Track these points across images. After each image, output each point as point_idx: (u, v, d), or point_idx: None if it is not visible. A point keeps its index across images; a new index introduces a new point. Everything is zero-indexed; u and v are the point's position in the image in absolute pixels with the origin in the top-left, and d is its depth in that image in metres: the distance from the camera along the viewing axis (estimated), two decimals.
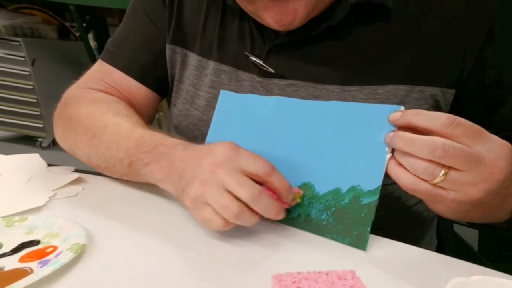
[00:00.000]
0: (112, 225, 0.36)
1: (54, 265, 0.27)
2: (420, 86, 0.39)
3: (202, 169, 0.31)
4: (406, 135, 0.29)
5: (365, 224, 0.32)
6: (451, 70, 0.39)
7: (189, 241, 0.33)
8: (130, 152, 0.39)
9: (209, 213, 0.31)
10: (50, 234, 0.33)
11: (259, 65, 0.43)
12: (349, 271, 0.27)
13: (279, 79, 0.42)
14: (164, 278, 0.28)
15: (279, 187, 0.32)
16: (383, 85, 0.39)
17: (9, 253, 0.30)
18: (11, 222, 0.35)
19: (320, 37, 0.40)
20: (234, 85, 0.45)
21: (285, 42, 0.42)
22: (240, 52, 0.44)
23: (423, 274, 0.29)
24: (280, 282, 0.26)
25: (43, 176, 0.46)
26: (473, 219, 0.33)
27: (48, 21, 2.40)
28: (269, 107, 0.39)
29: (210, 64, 0.46)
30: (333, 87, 0.40)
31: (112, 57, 0.51)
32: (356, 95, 0.40)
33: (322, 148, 0.35)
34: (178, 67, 0.49)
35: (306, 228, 0.35)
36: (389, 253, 0.32)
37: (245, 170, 0.31)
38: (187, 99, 0.48)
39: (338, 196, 0.34)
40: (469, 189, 0.28)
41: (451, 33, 0.38)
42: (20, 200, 0.39)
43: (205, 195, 0.30)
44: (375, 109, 0.32)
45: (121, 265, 0.30)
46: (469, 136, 0.27)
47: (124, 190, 0.44)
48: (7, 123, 2.31)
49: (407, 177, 0.29)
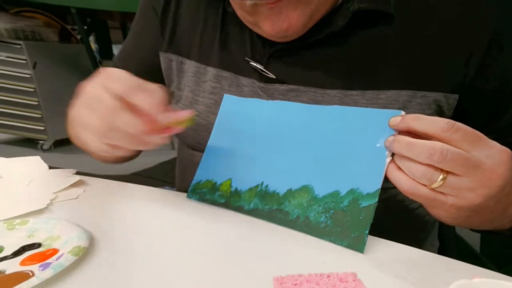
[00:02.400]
0: (113, 228, 0.36)
1: (55, 268, 0.27)
2: (422, 91, 0.39)
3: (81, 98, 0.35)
4: (405, 139, 0.29)
5: (364, 226, 0.32)
6: (454, 76, 0.39)
7: (190, 243, 0.33)
8: None
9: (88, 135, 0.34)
10: (51, 237, 0.33)
11: (260, 70, 0.43)
12: (350, 273, 0.27)
13: (280, 84, 0.42)
14: (165, 280, 0.28)
15: (142, 105, 0.32)
16: (385, 90, 0.39)
17: (10, 256, 0.30)
18: (12, 225, 0.35)
19: (321, 43, 0.40)
20: (235, 91, 0.45)
21: (286, 48, 0.42)
22: (240, 57, 0.44)
23: (425, 277, 0.29)
24: (282, 284, 0.26)
25: (44, 178, 0.46)
26: (474, 225, 0.33)
27: (49, 24, 2.41)
28: (271, 111, 0.39)
29: (209, 70, 0.46)
30: (334, 92, 0.40)
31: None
32: (358, 99, 0.40)
33: (322, 151, 0.35)
34: (175, 74, 0.49)
35: (305, 230, 0.35)
36: (391, 255, 0.32)
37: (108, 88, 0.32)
38: (186, 106, 0.48)
39: (337, 198, 0.34)
40: (468, 194, 0.28)
41: (454, 38, 0.38)
42: (21, 203, 0.40)
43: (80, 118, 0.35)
44: (376, 113, 0.32)
45: (122, 268, 0.29)
46: (468, 141, 0.27)
47: (125, 193, 0.44)
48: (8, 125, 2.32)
49: (406, 181, 0.29)
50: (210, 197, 0.40)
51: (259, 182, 0.38)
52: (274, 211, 0.36)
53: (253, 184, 0.38)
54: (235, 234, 0.35)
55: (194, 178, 0.43)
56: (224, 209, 0.39)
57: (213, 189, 0.41)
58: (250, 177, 0.39)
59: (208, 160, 0.42)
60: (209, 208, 0.40)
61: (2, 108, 2.27)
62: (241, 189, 0.39)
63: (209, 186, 0.41)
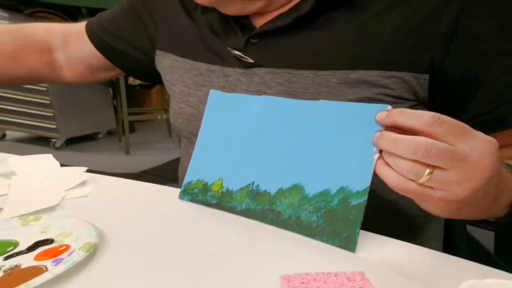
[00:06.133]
0: (122, 225, 0.36)
1: (67, 263, 0.28)
2: (391, 71, 0.40)
3: None
4: (390, 136, 0.29)
5: (354, 225, 0.31)
6: (422, 57, 0.39)
7: (198, 241, 0.34)
8: None
9: None
10: (63, 233, 0.33)
11: (239, 56, 0.45)
12: (358, 272, 0.27)
13: (258, 68, 0.44)
14: (173, 278, 0.28)
15: None
16: (354, 70, 0.40)
17: (25, 251, 0.31)
18: (26, 221, 0.36)
19: (293, 27, 0.43)
20: (223, 81, 0.47)
21: (260, 32, 0.44)
22: (224, 48, 0.46)
23: (435, 276, 0.29)
24: (289, 283, 0.26)
25: (56, 176, 0.47)
26: (465, 217, 0.33)
27: None
28: (257, 106, 0.39)
29: (201, 66, 0.49)
30: (307, 72, 0.42)
31: (91, 26, 0.58)
32: (329, 79, 0.41)
33: (312, 148, 0.35)
34: (169, 71, 0.52)
35: (297, 230, 0.34)
36: (400, 254, 0.31)
37: None
38: (180, 99, 0.50)
39: (327, 197, 0.33)
40: (455, 187, 0.28)
41: (420, 19, 0.39)
42: (34, 200, 0.41)
43: None
44: (363, 108, 0.32)
45: (132, 264, 0.30)
46: (453, 134, 0.27)
47: (134, 190, 0.45)
48: (21, 124, 2.37)
49: (394, 177, 0.29)
50: (202, 197, 0.40)
51: (250, 181, 0.38)
52: (266, 211, 0.36)
53: (244, 183, 0.38)
54: (242, 233, 0.35)
55: (185, 178, 0.42)
56: None
57: (204, 189, 0.40)
58: (241, 176, 0.38)
59: (198, 159, 0.42)
60: (212, 209, 0.40)
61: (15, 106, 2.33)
62: (232, 189, 0.39)
63: (200, 186, 0.41)
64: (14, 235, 0.34)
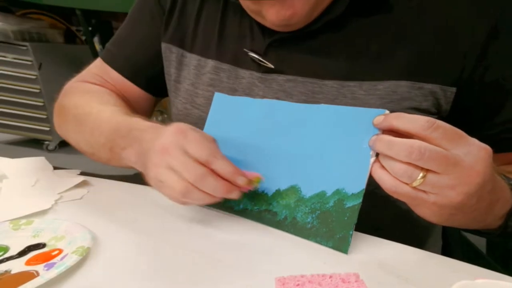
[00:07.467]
0: (117, 228, 0.36)
1: (60, 268, 0.27)
2: (420, 83, 0.39)
3: (154, 151, 0.34)
4: (386, 138, 0.29)
5: (348, 227, 0.32)
6: (452, 68, 0.39)
7: (193, 244, 0.33)
8: (110, 137, 0.41)
9: (166, 190, 0.34)
10: (56, 237, 0.33)
11: (258, 60, 0.43)
12: (352, 274, 0.27)
13: (278, 74, 0.43)
14: (167, 280, 0.28)
15: (222, 173, 0.33)
16: (382, 80, 0.39)
17: (16, 256, 0.31)
18: (18, 225, 0.35)
19: (319, 32, 0.40)
20: (233, 83, 0.45)
21: (285, 37, 0.41)
22: (239, 49, 0.44)
23: (428, 277, 0.29)
24: (284, 285, 0.26)
25: (49, 179, 0.47)
26: (460, 224, 0.33)
27: (55, 25, 2.43)
28: (261, 110, 0.39)
29: (209, 63, 0.46)
30: (331, 83, 0.40)
31: (109, 56, 0.54)
32: (355, 90, 0.40)
33: (310, 150, 0.35)
34: (174, 66, 0.49)
35: (292, 231, 0.35)
36: (394, 256, 0.32)
37: (189, 153, 0.33)
38: (186, 99, 0.48)
39: (323, 199, 0.34)
40: (448, 192, 0.28)
41: (453, 30, 0.38)
42: (26, 203, 0.40)
43: (157, 176, 0.34)
44: (361, 112, 0.32)
45: (126, 268, 0.30)
46: (448, 139, 0.28)
47: (129, 193, 0.45)
48: (14, 126, 2.34)
49: (388, 180, 0.29)
50: None
51: None
52: (263, 212, 0.36)
53: None
54: (237, 234, 0.35)
55: None
56: None
57: None
58: None
59: None
60: (210, 208, 0.40)
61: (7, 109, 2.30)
62: None
63: None
64: (5, 239, 0.33)
